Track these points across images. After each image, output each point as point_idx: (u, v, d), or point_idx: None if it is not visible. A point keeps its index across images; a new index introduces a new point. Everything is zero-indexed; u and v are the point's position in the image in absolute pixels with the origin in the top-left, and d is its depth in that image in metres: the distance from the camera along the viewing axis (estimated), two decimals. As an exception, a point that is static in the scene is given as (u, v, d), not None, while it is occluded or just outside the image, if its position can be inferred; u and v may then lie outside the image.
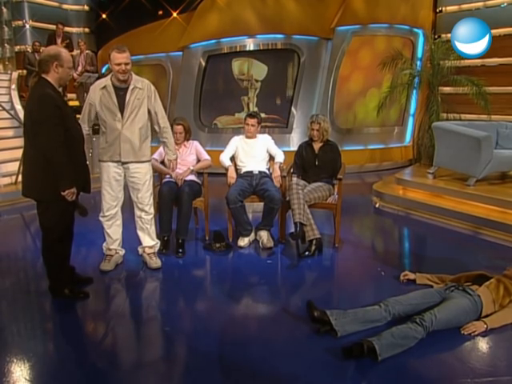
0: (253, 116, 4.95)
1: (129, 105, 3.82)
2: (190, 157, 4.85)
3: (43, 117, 3.11)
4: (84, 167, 3.48)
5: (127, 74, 3.76)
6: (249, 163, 4.88)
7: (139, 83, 3.88)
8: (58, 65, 3.24)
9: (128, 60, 3.74)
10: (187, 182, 4.66)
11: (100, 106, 3.84)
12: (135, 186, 4.00)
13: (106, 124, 3.87)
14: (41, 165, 3.19)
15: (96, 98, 3.85)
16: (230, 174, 4.80)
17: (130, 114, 3.83)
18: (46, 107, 3.12)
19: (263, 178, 4.76)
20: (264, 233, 4.71)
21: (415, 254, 4.91)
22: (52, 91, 3.21)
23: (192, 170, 4.79)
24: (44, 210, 3.34)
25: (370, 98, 9.49)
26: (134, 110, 3.84)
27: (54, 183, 3.21)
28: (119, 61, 3.72)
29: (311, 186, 4.67)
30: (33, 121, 3.18)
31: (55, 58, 3.23)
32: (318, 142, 4.87)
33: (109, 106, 3.82)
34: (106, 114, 3.84)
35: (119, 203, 4.06)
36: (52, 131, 3.12)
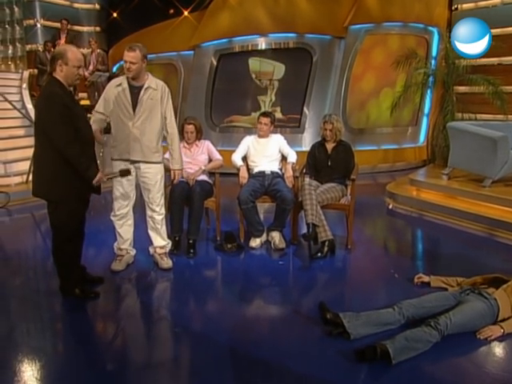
0: (266, 115, 4.96)
1: (141, 103, 3.86)
2: (201, 156, 4.87)
3: (51, 115, 3.14)
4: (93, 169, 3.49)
5: (132, 72, 3.80)
6: (261, 163, 4.89)
7: (154, 84, 3.91)
8: (62, 63, 3.26)
9: (134, 59, 3.77)
10: (198, 182, 4.67)
11: (114, 103, 3.88)
12: (146, 185, 4.03)
13: (117, 121, 3.90)
14: (50, 164, 3.22)
15: (111, 95, 3.89)
16: (241, 173, 4.81)
17: (142, 113, 3.86)
18: (53, 106, 3.15)
19: (275, 179, 4.76)
20: (276, 234, 4.71)
21: (429, 255, 4.87)
22: (60, 90, 3.23)
23: (203, 169, 4.80)
24: (54, 210, 3.37)
25: (383, 98, 9.45)
26: (146, 110, 3.87)
27: (63, 182, 3.24)
28: (125, 58, 3.81)
29: (324, 187, 4.66)
30: (41, 120, 3.21)
31: (60, 57, 3.27)
32: (330, 142, 4.87)
33: (122, 102, 3.86)
34: (118, 110, 3.88)
35: (130, 203, 4.08)
36: (60, 130, 3.15)
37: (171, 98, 4.04)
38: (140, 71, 3.83)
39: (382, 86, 9.41)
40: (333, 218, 5.08)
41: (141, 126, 3.87)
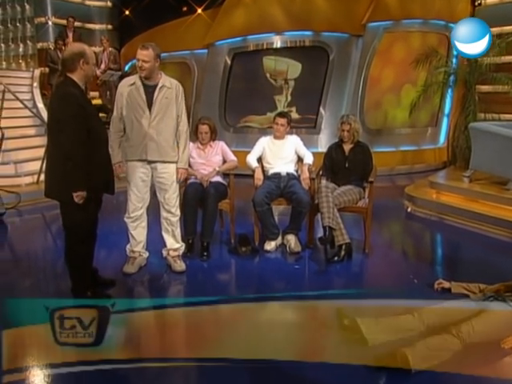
0: (282, 115, 4.98)
1: (157, 102, 3.90)
2: (215, 157, 4.90)
3: (66, 116, 3.17)
4: (108, 168, 3.54)
5: (145, 71, 3.83)
6: (276, 164, 4.91)
7: (168, 82, 3.96)
8: (85, 62, 3.28)
9: (146, 58, 3.81)
10: (213, 184, 4.70)
11: (127, 102, 3.92)
12: (162, 186, 4.07)
13: (132, 122, 3.94)
14: (62, 164, 3.23)
15: (124, 95, 3.93)
16: (256, 175, 4.83)
17: (158, 113, 3.91)
18: (68, 106, 3.18)
19: (291, 180, 4.77)
20: (291, 237, 4.72)
21: (449, 261, 4.85)
22: (76, 90, 3.27)
23: (218, 171, 4.83)
24: (66, 211, 3.40)
25: (401, 98, 9.41)
26: (161, 109, 3.91)
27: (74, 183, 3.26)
28: (138, 56, 3.85)
29: (341, 189, 4.67)
30: (55, 120, 3.24)
31: (81, 56, 3.28)
32: (348, 144, 4.87)
33: (137, 102, 3.90)
34: (133, 111, 3.91)
35: (145, 204, 4.12)
36: (74, 130, 3.17)
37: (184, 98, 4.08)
38: (153, 70, 3.87)
39: (401, 85, 9.37)
40: (350, 221, 5.08)
41: (157, 125, 3.92)
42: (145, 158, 3.97)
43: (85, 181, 3.26)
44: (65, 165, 3.20)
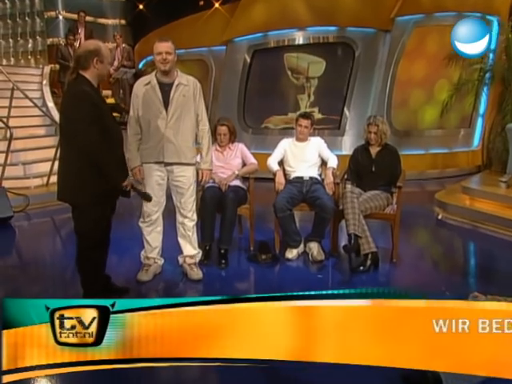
0: (306, 116, 5.02)
1: (174, 101, 3.95)
2: (234, 160, 4.96)
3: (79, 115, 3.21)
4: (123, 169, 3.58)
5: (169, 64, 3.88)
6: (299, 168, 4.95)
7: (184, 79, 4.02)
8: (99, 60, 3.32)
9: (170, 49, 3.86)
10: (232, 188, 4.76)
11: (143, 103, 3.98)
12: (179, 190, 4.13)
13: (148, 122, 4.00)
14: (76, 166, 3.29)
15: (140, 95, 4.00)
16: (278, 179, 4.88)
17: (175, 112, 3.96)
18: (82, 105, 3.22)
19: (314, 185, 4.81)
20: (314, 244, 4.75)
21: (484, 272, 4.82)
22: (89, 88, 3.31)
23: (237, 174, 4.89)
24: (79, 215, 3.44)
25: (432, 97, 9.36)
26: (179, 107, 3.97)
27: (90, 186, 3.31)
28: (160, 49, 3.87)
29: (367, 195, 4.69)
30: (69, 120, 3.29)
31: (95, 54, 3.32)
32: (375, 146, 4.89)
33: (153, 102, 3.96)
34: (149, 111, 3.97)
35: (160, 208, 4.18)
36: (89, 130, 3.22)
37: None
38: (173, 65, 3.94)
39: (432, 83, 9.32)
40: (376, 228, 5.09)
41: (174, 125, 3.97)
42: (161, 159, 4.02)
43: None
44: (83, 168, 3.26)
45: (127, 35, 11.99)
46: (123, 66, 10.32)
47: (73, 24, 11.12)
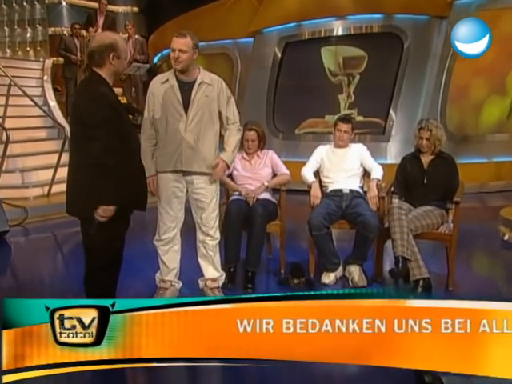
0: (346, 120, 5.07)
1: (195, 102, 4.04)
2: (264, 170, 5.03)
3: (96, 120, 3.25)
4: (140, 180, 3.63)
5: (182, 63, 3.97)
6: (338, 179, 4.98)
7: (207, 78, 4.11)
8: (115, 56, 3.37)
9: (184, 47, 3.94)
10: (260, 201, 4.82)
11: (160, 104, 4.07)
12: (200, 204, 4.20)
13: (165, 125, 4.08)
14: (88, 176, 3.33)
15: (157, 95, 4.09)
16: (313, 192, 4.92)
17: (196, 114, 4.04)
18: (99, 108, 3.27)
19: (355, 199, 4.84)
20: (355, 268, 4.77)
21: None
22: (106, 89, 3.38)
23: (266, 186, 4.95)
24: (89, 230, 3.48)
25: (497, 95, 9.29)
26: (200, 109, 4.05)
27: (104, 198, 3.34)
28: (174, 46, 3.97)
29: (418, 211, 4.70)
30: (82, 124, 3.33)
31: (112, 49, 3.36)
32: (427, 155, 4.90)
33: (171, 102, 4.04)
34: (166, 112, 4.06)
35: (178, 225, 4.25)
36: (106, 137, 3.26)
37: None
38: (190, 63, 4.02)
39: (497, 79, 9.24)
40: (429, 250, 5.08)
41: (195, 129, 4.05)
42: (179, 168, 4.10)
43: (114, 194, 3.38)
44: (92, 174, 3.36)
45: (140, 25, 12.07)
46: (135, 61, 10.34)
47: (91, 13, 11.15)
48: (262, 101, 9.62)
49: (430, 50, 9.12)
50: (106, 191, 3.35)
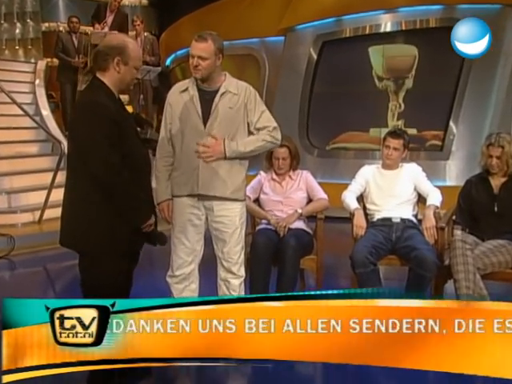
0: (397, 135, 5.04)
1: (216, 114, 4.06)
2: (297, 194, 5.04)
3: (92, 133, 3.27)
4: (150, 207, 3.68)
5: (201, 72, 3.99)
6: (386, 206, 4.98)
7: (233, 86, 4.12)
8: (121, 61, 3.42)
9: (205, 53, 3.95)
10: (293, 231, 4.82)
11: (177, 116, 4.10)
12: (221, 235, 4.19)
13: (181, 142, 4.11)
14: (87, 202, 3.38)
15: (174, 106, 4.13)
16: (357, 221, 4.91)
17: (217, 128, 4.05)
18: (95, 121, 3.29)
19: (408, 230, 4.82)
20: (409, 313, 4.73)
21: None
22: (107, 99, 3.40)
23: (300, 213, 4.95)
24: (89, 266, 3.50)
25: None
26: (222, 123, 4.06)
27: (105, 228, 3.40)
28: (193, 51, 3.99)
29: (487, 246, 4.65)
30: (77, 140, 3.38)
31: (118, 52, 3.41)
32: (498, 176, 4.87)
33: (190, 115, 4.07)
34: (184, 126, 4.09)
35: (196, 259, 4.25)
36: (105, 155, 3.30)
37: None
38: (213, 70, 4.03)
39: None
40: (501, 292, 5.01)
41: None
42: (197, 191, 4.10)
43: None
44: (97, 205, 3.35)
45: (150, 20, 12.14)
46: (145, 63, 10.27)
47: (101, 5, 11.12)
48: (294, 111, 9.64)
49: (502, 47, 9.02)
50: (109, 221, 3.39)
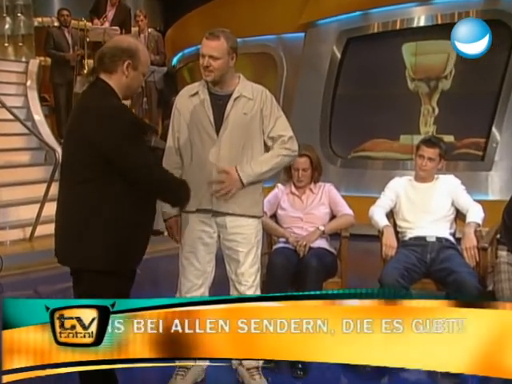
0: (432, 143, 5.03)
1: (228, 122, 4.05)
2: (318, 209, 5.04)
3: (132, 140, 3.29)
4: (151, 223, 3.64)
5: (213, 73, 3.98)
6: (420, 223, 4.95)
7: (247, 90, 4.12)
8: (131, 65, 3.40)
9: (217, 52, 3.95)
10: (314, 251, 4.82)
11: (186, 122, 4.11)
12: (234, 254, 4.18)
13: (190, 151, 4.12)
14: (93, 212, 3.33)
15: (183, 112, 4.14)
16: (386, 240, 4.88)
17: (231, 136, 4.06)
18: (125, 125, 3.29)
19: (445, 250, 4.80)
20: (446, 345, 4.69)
21: None
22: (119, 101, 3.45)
23: (322, 231, 4.94)
24: (88, 287, 3.42)
25: None
26: (236, 130, 4.06)
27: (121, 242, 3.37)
28: (203, 50, 3.99)
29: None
30: (111, 148, 3.30)
31: (128, 54, 3.40)
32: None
33: (200, 122, 4.07)
34: (193, 134, 4.09)
35: (207, 282, 4.24)
36: (148, 156, 3.38)
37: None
38: (225, 72, 4.03)
39: None
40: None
41: (229, 155, 4.07)
42: (208, 207, 4.10)
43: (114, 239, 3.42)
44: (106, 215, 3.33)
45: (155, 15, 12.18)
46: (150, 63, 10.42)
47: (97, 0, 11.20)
48: (315, 115, 9.65)
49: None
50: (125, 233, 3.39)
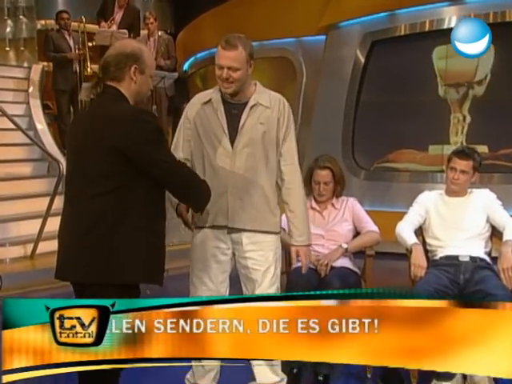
0: (465, 155, 5.00)
1: (245, 131, 4.06)
2: (341, 226, 5.07)
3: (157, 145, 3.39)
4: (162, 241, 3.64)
5: (234, 85, 3.98)
6: (452, 241, 4.95)
7: (264, 98, 4.12)
8: (138, 70, 3.49)
9: (237, 63, 3.93)
10: (336, 271, 4.85)
11: (198, 132, 4.12)
12: (251, 274, 4.18)
13: (202, 163, 4.13)
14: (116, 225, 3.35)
15: (195, 120, 4.14)
16: (415, 259, 4.87)
17: (247, 146, 4.07)
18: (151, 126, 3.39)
19: (480, 271, 4.79)
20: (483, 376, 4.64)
21: None
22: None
23: (345, 248, 4.97)
24: None
25: None
26: (253, 140, 4.07)
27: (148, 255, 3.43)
28: (220, 62, 3.96)
29: None
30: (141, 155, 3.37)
31: (134, 59, 3.48)
32: None
33: (213, 131, 4.08)
34: (205, 145, 4.10)
35: (220, 304, 4.27)
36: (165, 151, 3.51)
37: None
38: (244, 81, 4.04)
39: None
40: None
41: (245, 167, 4.07)
42: (223, 223, 4.11)
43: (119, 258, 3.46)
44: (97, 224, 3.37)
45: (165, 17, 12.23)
46: (159, 68, 10.32)
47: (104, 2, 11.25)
48: (337, 124, 9.66)
49: None
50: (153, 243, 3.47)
